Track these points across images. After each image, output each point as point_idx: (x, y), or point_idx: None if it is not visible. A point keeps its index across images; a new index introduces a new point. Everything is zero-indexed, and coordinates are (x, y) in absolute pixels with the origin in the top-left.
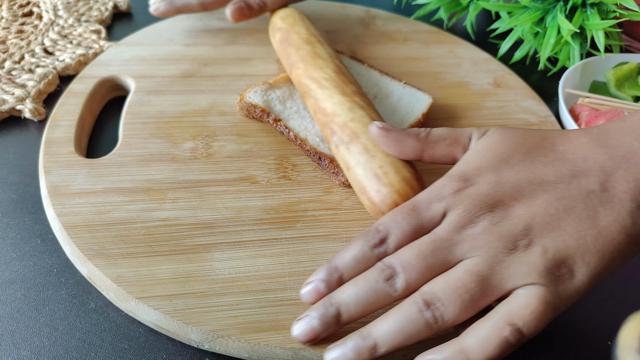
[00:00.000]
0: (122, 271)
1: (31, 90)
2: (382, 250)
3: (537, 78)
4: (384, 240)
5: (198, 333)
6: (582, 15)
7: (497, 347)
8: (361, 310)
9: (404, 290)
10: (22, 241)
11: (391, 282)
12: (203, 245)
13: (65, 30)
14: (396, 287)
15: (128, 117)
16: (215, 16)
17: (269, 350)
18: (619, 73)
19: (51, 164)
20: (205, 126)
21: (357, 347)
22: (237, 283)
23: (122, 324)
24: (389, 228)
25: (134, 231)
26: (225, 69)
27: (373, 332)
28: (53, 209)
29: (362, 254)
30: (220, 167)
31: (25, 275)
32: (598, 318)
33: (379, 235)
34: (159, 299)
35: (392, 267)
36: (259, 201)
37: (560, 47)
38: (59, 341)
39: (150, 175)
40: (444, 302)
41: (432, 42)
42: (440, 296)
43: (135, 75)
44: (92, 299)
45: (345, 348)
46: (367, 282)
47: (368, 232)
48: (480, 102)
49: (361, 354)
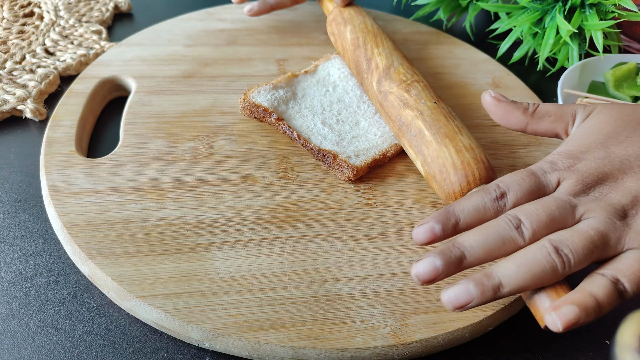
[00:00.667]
0: (123, 270)
1: (32, 91)
2: (501, 204)
3: (536, 78)
4: (504, 194)
5: (199, 332)
6: (581, 16)
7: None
8: (486, 255)
9: (531, 238)
10: (23, 240)
11: (519, 230)
12: (204, 244)
13: (66, 31)
14: (524, 234)
15: (129, 117)
16: (215, 17)
17: (269, 348)
18: (617, 73)
19: (52, 163)
20: (205, 126)
21: (481, 283)
22: (238, 282)
23: (123, 323)
24: (509, 185)
25: (135, 230)
26: (225, 70)
27: (499, 272)
28: (54, 208)
29: (482, 205)
30: (220, 166)
31: (27, 275)
32: None
33: (500, 190)
34: (160, 297)
35: (517, 217)
36: (259, 200)
37: (559, 47)
38: (60, 340)
39: (151, 175)
40: (572, 249)
41: (431, 43)
42: (568, 243)
43: (136, 76)
44: (93, 298)
45: (469, 284)
46: (494, 228)
47: (488, 187)
48: (479, 103)
49: (485, 291)
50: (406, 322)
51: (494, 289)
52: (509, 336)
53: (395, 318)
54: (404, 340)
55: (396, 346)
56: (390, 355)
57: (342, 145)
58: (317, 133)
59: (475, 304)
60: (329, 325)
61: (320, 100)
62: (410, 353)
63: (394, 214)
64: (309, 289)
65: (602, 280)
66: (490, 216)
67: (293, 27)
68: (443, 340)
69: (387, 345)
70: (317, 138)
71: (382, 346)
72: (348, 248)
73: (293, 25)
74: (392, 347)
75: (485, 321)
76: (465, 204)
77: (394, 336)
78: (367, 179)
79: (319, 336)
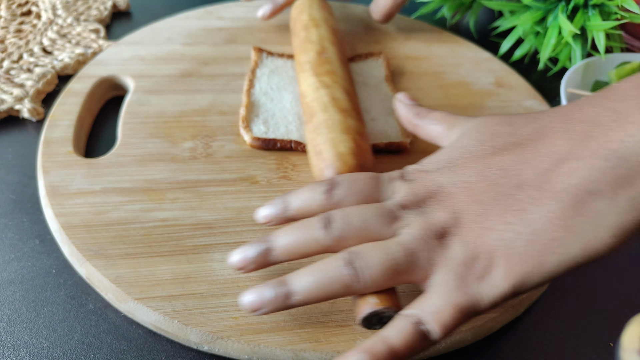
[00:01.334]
0: (121, 272)
1: (30, 90)
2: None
3: (539, 77)
4: (333, 188)
5: (197, 334)
6: (584, 16)
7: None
8: (289, 251)
9: (334, 240)
10: (21, 242)
11: (326, 229)
12: (203, 245)
13: (64, 30)
14: (329, 234)
15: (127, 116)
16: (214, 15)
17: (269, 351)
18: (621, 73)
19: (50, 164)
20: (204, 126)
21: (274, 289)
22: (237, 284)
23: (121, 325)
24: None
25: (133, 231)
26: (224, 69)
27: (293, 280)
28: (51, 209)
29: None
30: (219, 167)
31: (24, 276)
32: (600, 320)
33: (331, 183)
34: (158, 300)
35: (330, 217)
36: (258, 201)
37: (561, 47)
38: (57, 342)
39: (149, 175)
40: (367, 263)
41: (433, 42)
42: (364, 257)
43: (134, 75)
44: (90, 300)
45: (263, 289)
46: (304, 225)
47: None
48: (481, 102)
49: (277, 297)
50: None
51: (285, 296)
52: (512, 338)
53: None
54: None
55: None
56: None
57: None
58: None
59: (269, 310)
60: (330, 328)
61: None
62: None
63: None
64: None
65: (402, 323)
66: (315, 208)
67: None
68: (445, 342)
69: None
70: None
71: None
72: None
73: None
74: None
75: (489, 323)
76: (300, 190)
77: None
78: None
79: (319, 339)
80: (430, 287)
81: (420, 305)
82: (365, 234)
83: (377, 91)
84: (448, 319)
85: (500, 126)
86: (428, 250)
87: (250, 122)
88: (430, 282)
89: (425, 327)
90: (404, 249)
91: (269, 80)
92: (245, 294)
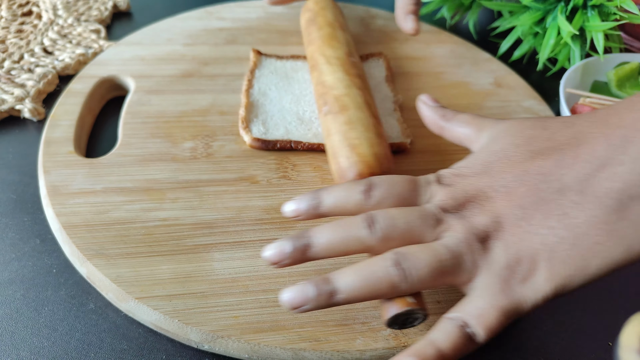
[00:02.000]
0: (121, 271)
1: (30, 90)
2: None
3: (538, 77)
4: (371, 189)
5: (198, 333)
6: (583, 17)
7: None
8: (330, 248)
9: (377, 240)
10: (21, 241)
11: (370, 229)
12: (203, 245)
13: (64, 30)
14: (374, 235)
15: (128, 116)
16: (214, 16)
17: (269, 350)
18: (620, 73)
19: (50, 163)
20: (205, 126)
21: (317, 287)
22: (237, 283)
23: (122, 325)
24: (381, 183)
25: (134, 231)
26: (225, 69)
27: (337, 278)
28: (52, 209)
29: (346, 192)
30: (220, 166)
31: (25, 276)
32: (599, 319)
33: (369, 183)
34: (159, 299)
35: (373, 216)
36: (259, 201)
37: (560, 48)
38: (58, 342)
39: (150, 175)
40: (415, 264)
41: (432, 42)
42: (412, 258)
43: (135, 75)
44: (91, 300)
45: (306, 286)
46: (346, 224)
47: (362, 180)
48: (481, 102)
49: (320, 295)
50: None
51: (329, 294)
52: (511, 338)
53: None
54: (405, 342)
55: (397, 348)
56: (392, 357)
57: None
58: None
59: (311, 307)
60: (329, 327)
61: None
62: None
63: None
64: None
65: (448, 326)
66: (350, 207)
67: (293, 27)
68: None
69: (388, 347)
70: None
71: (383, 348)
72: None
73: (293, 25)
74: (393, 349)
75: None
76: (334, 188)
77: (395, 338)
78: None
79: (319, 338)
80: (474, 290)
81: (464, 308)
82: (408, 236)
83: (377, 92)
84: (492, 321)
85: (535, 130)
86: (472, 253)
87: (250, 123)
88: (473, 284)
89: (471, 330)
90: (450, 251)
91: (268, 81)
92: (286, 291)
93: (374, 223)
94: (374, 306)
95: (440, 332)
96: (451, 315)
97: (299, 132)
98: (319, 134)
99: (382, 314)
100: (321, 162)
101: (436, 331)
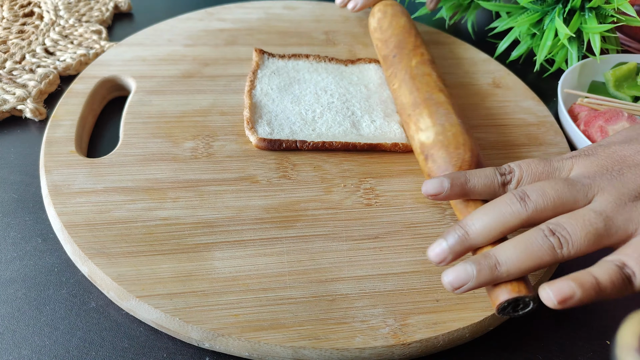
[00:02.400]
0: (122, 270)
1: (32, 90)
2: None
3: (535, 78)
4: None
5: (198, 332)
6: (580, 19)
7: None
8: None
9: (532, 212)
10: (23, 240)
11: (523, 202)
12: (203, 244)
13: (66, 31)
14: (527, 206)
15: (129, 116)
16: (215, 17)
17: (269, 348)
18: (617, 73)
19: (52, 163)
20: (205, 126)
21: (478, 262)
22: (238, 282)
23: (123, 323)
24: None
25: (135, 230)
26: (225, 69)
27: (496, 252)
28: (54, 208)
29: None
30: (220, 166)
31: (26, 275)
32: (597, 317)
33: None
34: (160, 297)
35: (524, 191)
36: (259, 200)
37: (557, 49)
38: (59, 340)
39: (151, 175)
40: (569, 231)
41: (431, 43)
42: (565, 226)
43: (136, 75)
44: (92, 298)
45: (466, 264)
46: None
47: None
48: (479, 103)
49: (482, 270)
50: (406, 322)
51: (491, 267)
52: (509, 336)
53: (395, 318)
54: (404, 340)
55: (396, 346)
56: (391, 355)
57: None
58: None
59: (473, 284)
60: (329, 325)
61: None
62: (410, 353)
63: (394, 214)
64: (309, 289)
65: (606, 264)
66: (497, 186)
67: (293, 27)
68: (443, 340)
69: (387, 345)
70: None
71: (382, 346)
72: (348, 248)
73: (293, 25)
74: (392, 347)
75: (486, 321)
76: (475, 170)
77: (394, 336)
78: (367, 178)
79: (319, 336)
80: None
81: (623, 251)
82: (559, 205)
83: (378, 93)
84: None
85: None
86: (624, 212)
87: (255, 124)
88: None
89: (629, 270)
90: (600, 214)
91: (270, 81)
92: (446, 272)
93: (526, 196)
94: (373, 305)
95: (599, 268)
96: (610, 258)
97: (304, 132)
98: (323, 133)
99: (492, 301)
100: (321, 161)
101: (596, 267)
